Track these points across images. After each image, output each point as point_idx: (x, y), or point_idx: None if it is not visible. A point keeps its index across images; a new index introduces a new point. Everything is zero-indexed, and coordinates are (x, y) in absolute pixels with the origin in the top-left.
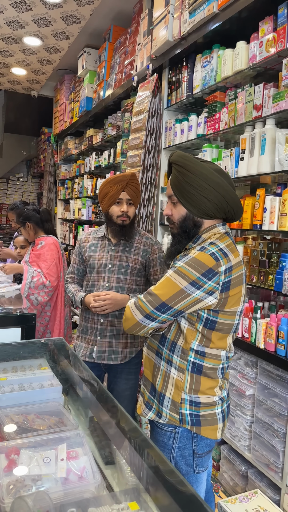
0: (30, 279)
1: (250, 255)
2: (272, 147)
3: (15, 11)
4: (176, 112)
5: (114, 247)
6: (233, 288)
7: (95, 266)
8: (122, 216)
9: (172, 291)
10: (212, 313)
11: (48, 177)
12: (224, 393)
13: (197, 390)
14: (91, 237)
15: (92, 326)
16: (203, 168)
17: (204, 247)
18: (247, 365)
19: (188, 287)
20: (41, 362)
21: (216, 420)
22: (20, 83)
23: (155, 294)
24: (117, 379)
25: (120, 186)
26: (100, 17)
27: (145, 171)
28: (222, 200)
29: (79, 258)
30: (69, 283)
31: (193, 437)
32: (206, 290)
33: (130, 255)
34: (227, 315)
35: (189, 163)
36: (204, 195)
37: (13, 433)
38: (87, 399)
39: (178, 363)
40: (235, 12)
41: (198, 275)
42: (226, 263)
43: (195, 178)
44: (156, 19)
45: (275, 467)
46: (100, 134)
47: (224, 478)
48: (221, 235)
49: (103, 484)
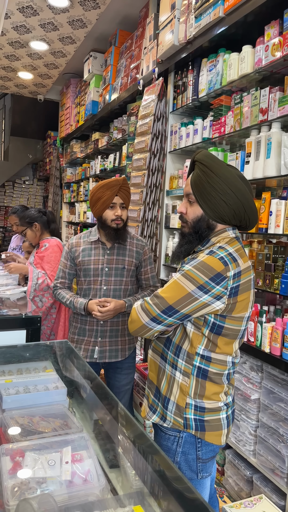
0: (36, 281)
1: (255, 259)
2: (278, 151)
3: (22, 16)
4: (182, 116)
5: (109, 250)
6: (241, 294)
7: (90, 270)
8: (116, 220)
9: (179, 295)
10: (219, 318)
11: (54, 180)
12: (229, 399)
13: (202, 395)
14: (83, 241)
15: (91, 328)
16: (228, 172)
17: (213, 251)
18: (252, 369)
19: (195, 291)
20: (46, 364)
21: (220, 426)
22: (26, 87)
23: (162, 297)
24: (116, 374)
25: (114, 191)
26: (106, 21)
27: (150, 174)
28: (240, 207)
29: (70, 262)
30: (60, 288)
31: (197, 442)
32: (214, 294)
33: (125, 258)
34: (234, 321)
35: (215, 164)
36: (224, 199)
37: (18, 435)
38: (92, 402)
39: (183, 367)
40: (241, 16)
41: (206, 279)
42: (235, 268)
43: (218, 180)
44: (162, 23)
45: (280, 472)
46: (105, 138)
47: (228, 483)
48: (231, 239)
49: (107, 487)
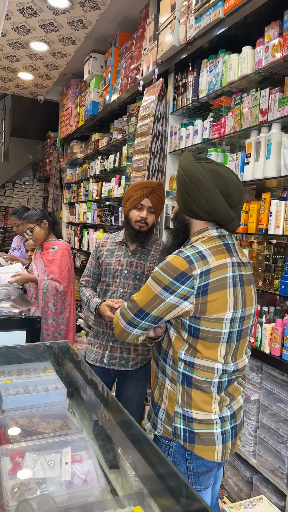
0: (46, 289)
1: (255, 260)
2: (277, 152)
3: (22, 16)
4: (182, 117)
5: (131, 253)
6: (212, 293)
7: (111, 270)
8: (140, 222)
9: (148, 297)
10: (193, 320)
11: (54, 181)
12: (227, 412)
13: (189, 404)
14: (109, 241)
15: (104, 331)
16: (191, 165)
17: (181, 250)
18: (252, 370)
19: (161, 292)
20: (46, 365)
21: (213, 441)
22: (26, 87)
23: (135, 301)
24: (126, 384)
25: (145, 192)
26: (106, 22)
27: (150, 175)
28: (204, 201)
29: (95, 261)
30: (84, 286)
31: (186, 454)
32: (180, 295)
33: (146, 263)
34: (210, 322)
35: (182, 158)
36: (186, 190)
37: (18, 436)
38: (92, 403)
39: (170, 373)
40: (241, 17)
41: (170, 280)
42: (202, 266)
43: (181, 172)
44: (162, 24)
45: (280, 473)
46: (105, 139)
47: (228, 483)
48: (210, 237)
49: (107, 488)
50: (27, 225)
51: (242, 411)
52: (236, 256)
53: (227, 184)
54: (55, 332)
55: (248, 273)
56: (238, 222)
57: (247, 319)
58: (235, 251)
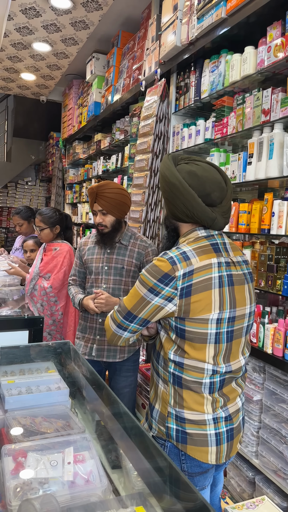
0: (32, 286)
1: (258, 260)
2: (280, 152)
3: (24, 17)
4: (184, 117)
5: (109, 250)
6: (196, 294)
7: (93, 268)
8: (99, 225)
9: (135, 299)
10: (179, 321)
11: (56, 181)
12: (222, 414)
13: (181, 405)
14: (90, 240)
15: (91, 325)
16: (167, 170)
17: (166, 252)
18: (255, 370)
19: (147, 294)
20: (48, 365)
21: (206, 442)
22: (29, 88)
23: (123, 304)
24: (116, 376)
25: (91, 198)
26: (109, 23)
27: (152, 175)
28: (182, 205)
29: (80, 261)
30: (71, 285)
31: (180, 454)
32: (164, 296)
33: (125, 258)
34: (195, 323)
35: (161, 163)
36: (165, 196)
37: (20, 436)
38: (94, 403)
39: (163, 374)
40: (243, 17)
41: (154, 281)
42: (185, 267)
43: (160, 179)
44: (164, 24)
45: (283, 473)
46: (108, 139)
47: (231, 484)
48: (196, 238)
49: (109, 488)
50: (39, 223)
51: (241, 413)
52: (226, 255)
53: (204, 184)
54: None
55: (239, 273)
56: (223, 220)
57: (239, 320)
58: (225, 251)
